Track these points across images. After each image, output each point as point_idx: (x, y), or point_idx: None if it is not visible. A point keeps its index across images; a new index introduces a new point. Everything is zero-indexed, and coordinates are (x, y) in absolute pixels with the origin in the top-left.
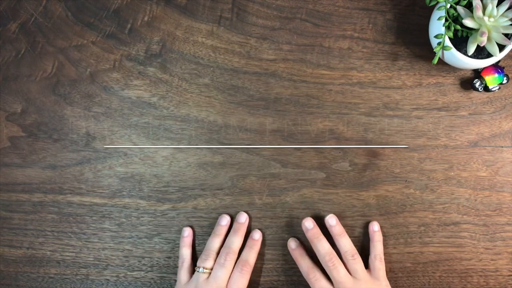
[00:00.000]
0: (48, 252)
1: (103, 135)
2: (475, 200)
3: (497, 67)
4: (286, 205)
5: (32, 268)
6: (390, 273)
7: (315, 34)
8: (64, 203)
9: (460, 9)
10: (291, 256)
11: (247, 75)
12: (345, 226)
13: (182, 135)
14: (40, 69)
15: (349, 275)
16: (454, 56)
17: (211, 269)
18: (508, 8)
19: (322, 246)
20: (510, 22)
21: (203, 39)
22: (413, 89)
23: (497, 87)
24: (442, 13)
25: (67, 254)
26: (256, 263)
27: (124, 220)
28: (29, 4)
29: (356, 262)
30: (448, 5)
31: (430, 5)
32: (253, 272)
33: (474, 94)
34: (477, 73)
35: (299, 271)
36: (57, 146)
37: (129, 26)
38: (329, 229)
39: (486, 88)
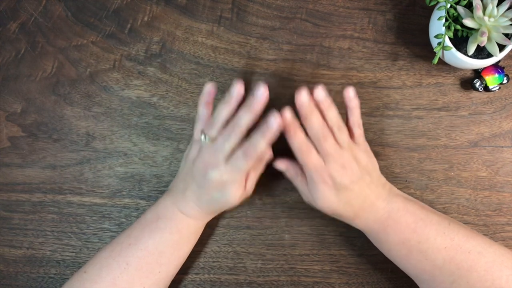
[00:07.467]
0: (48, 252)
1: (103, 135)
2: (475, 200)
3: (497, 67)
4: (286, 205)
5: (32, 268)
6: (391, 273)
7: (315, 34)
8: (64, 203)
9: (460, 9)
10: (291, 256)
11: (247, 75)
12: (343, 228)
13: (182, 135)
14: (40, 69)
15: (336, 145)
16: (454, 56)
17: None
18: (508, 8)
19: (315, 121)
20: (510, 22)
21: (203, 39)
22: (413, 89)
23: (497, 87)
24: (442, 13)
25: (67, 254)
26: (256, 263)
27: (124, 220)
28: (29, 4)
29: (342, 133)
30: (448, 5)
31: (430, 5)
32: (253, 272)
33: (474, 94)
34: (477, 73)
35: (299, 271)
36: (57, 146)
37: (129, 26)
38: (319, 104)
39: (486, 88)
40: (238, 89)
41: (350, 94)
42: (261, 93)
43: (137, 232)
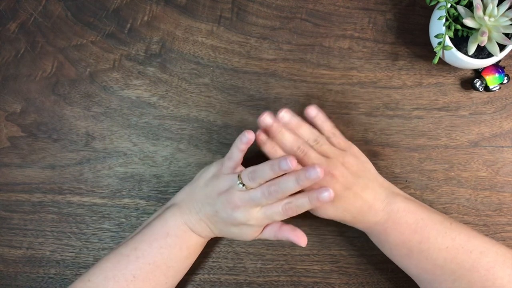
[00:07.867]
0: (48, 252)
1: (102, 135)
2: (476, 200)
3: (497, 67)
4: None
5: (31, 269)
6: (390, 273)
7: (315, 34)
8: (63, 203)
9: (460, 8)
10: (291, 256)
11: (247, 75)
12: (344, 228)
13: (182, 135)
14: (40, 69)
15: (321, 157)
16: (454, 56)
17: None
18: (509, 8)
19: (287, 138)
20: (510, 22)
21: (203, 39)
22: (414, 89)
23: (498, 87)
24: (443, 12)
25: (66, 254)
26: (256, 263)
27: (123, 220)
28: (29, 4)
29: (321, 144)
30: (449, 5)
31: (430, 4)
32: (253, 272)
33: (474, 94)
34: (478, 73)
35: (299, 271)
36: (57, 146)
37: (128, 26)
38: (287, 126)
39: (486, 88)
40: (290, 165)
41: (312, 113)
42: (317, 175)
43: (145, 246)
